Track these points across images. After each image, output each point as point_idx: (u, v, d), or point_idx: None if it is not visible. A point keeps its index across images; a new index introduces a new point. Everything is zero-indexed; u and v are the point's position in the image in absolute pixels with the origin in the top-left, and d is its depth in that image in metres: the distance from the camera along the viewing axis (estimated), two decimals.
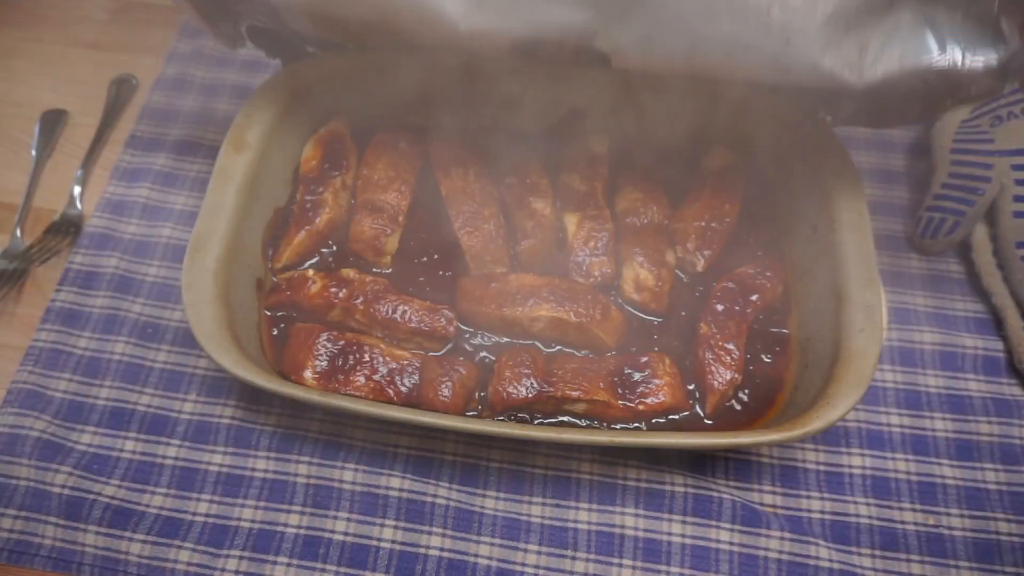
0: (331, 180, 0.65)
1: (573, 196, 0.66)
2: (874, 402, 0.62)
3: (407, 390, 0.57)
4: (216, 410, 0.61)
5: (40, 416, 0.60)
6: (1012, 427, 0.61)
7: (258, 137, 0.62)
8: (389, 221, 0.64)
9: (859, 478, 0.60)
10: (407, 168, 0.67)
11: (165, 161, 0.73)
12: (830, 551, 0.56)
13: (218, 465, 0.59)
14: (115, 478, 0.59)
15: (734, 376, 0.58)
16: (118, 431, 0.60)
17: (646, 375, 0.57)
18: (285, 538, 0.57)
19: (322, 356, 0.58)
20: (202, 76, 0.79)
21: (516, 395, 0.56)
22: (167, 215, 0.70)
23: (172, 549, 0.56)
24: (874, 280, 0.56)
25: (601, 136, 0.69)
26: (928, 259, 0.69)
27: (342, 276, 0.62)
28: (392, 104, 0.70)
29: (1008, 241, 0.65)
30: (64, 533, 0.56)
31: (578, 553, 0.57)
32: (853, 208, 0.59)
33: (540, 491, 0.59)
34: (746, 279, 0.62)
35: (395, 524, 0.57)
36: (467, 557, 0.56)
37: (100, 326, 0.65)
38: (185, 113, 0.77)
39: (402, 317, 0.60)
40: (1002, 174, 0.66)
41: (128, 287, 0.67)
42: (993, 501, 0.59)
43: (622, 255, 0.64)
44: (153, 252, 0.68)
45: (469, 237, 0.64)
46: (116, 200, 0.71)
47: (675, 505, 0.58)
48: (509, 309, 0.59)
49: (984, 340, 0.65)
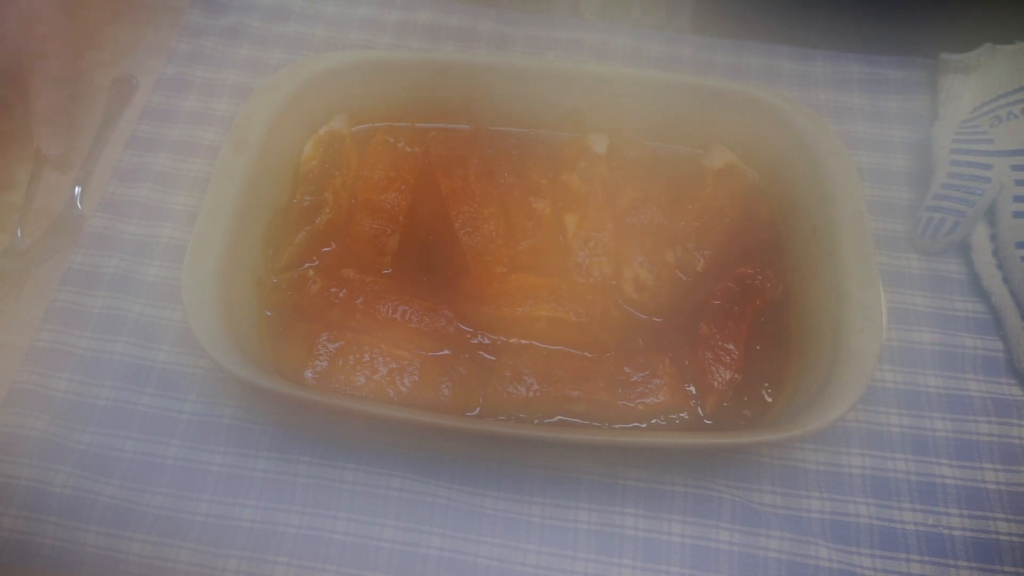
0: (331, 180, 0.65)
1: (573, 196, 0.66)
2: (874, 402, 0.62)
3: (407, 390, 0.57)
4: (216, 410, 0.61)
5: (40, 416, 0.60)
6: (1012, 427, 0.61)
7: (258, 137, 0.62)
8: (389, 221, 0.64)
9: (859, 478, 0.60)
10: (407, 168, 0.67)
11: (165, 161, 0.73)
12: (830, 551, 0.56)
13: (218, 465, 0.59)
14: (115, 478, 0.58)
15: (734, 376, 0.58)
16: (118, 431, 0.60)
17: (646, 375, 0.57)
18: (285, 538, 0.57)
19: (322, 356, 0.58)
20: (202, 76, 0.79)
21: (516, 395, 0.56)
22: (167, 215, 0.70)
23: (172, 548, 0.56)
24: (874, 280, 0.56)
25: (601, 136, 0.69)
26: (928, 259, 0.69)
27: (342, 276, 0.62)
28: (392, 104, 0.70)
29: (1008, 241, 0.65)
30: (64, 533, 0.56)
31: (578, 553, 0.57)
32: (853, 208, 0.59)
33: (540, 491, 0.59)
34: (746, 279, 0.62)
35: (395, 524, 0.57)
36: (467, 557, 0.56)
37: (100, 326, 0.65)
38: (185, 113, 0.77)
39: (402, 317, 0.60)
40: (1002, 174, 0.66)
41: (128, 287, 0.67)
42: (993, 501, 0.59)
43: (622, 255, 0.64)
44: (153, 252, 0.68)
45: (469, 237, 0.64)
46: (116, 200, 0.71)
47: (675, 505, 0.58)
48: (509, 309, 0.59)
49: (984, 340, 0.65)
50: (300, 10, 0.84)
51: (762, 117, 0.66)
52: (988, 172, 0.66)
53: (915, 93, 0.78)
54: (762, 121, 0.66)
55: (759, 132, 0.67)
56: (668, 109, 0.68)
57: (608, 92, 0.67)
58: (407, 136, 0.69)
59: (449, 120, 0.71)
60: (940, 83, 0.73)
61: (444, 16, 0.83)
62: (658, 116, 0.69)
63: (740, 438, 0.52)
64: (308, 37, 0.82)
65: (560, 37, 0.82)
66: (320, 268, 0.64)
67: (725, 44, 0.81)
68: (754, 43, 0.81)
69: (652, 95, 0.67)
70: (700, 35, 0.82)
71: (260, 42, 0.81)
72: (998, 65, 0.71)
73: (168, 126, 0.76)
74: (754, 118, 0.66)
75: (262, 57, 0.80)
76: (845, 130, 0.76)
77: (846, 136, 0.75)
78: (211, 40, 0.81)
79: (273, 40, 0.82)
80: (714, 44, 0.81)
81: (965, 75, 0.72)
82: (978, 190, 0.66)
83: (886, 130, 0.76)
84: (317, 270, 0.64)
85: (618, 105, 0.68)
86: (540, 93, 0.68)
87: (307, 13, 0.83)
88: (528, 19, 0.83)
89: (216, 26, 0.82)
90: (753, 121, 0.67)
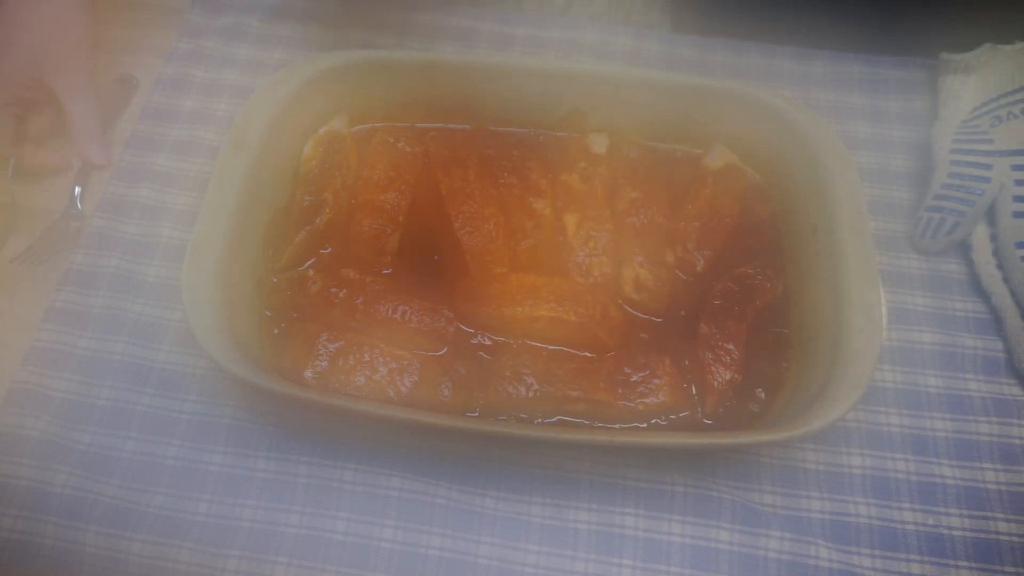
0: (331, 180, 0.65)
1: (573, 196, 0.66)
2: (874, 402, 0.62)
3: (407, 390, 0.57)
4: (216, 410, 0.61)
5: (40, 416, 0.60)
6: (1012, 427, 0.61)
7: (258, 137, 0.62)
8: (389, 221, 0.64)
9: (859, 478, 0.60)
10: (407, 168, 0.67)
11: (165, 161, 0.73)
12: (830, 551, 0.56)
13: (218, 465, 0.59)
14: (115, 478, 0.59)
15: (734, 376, 0.58)
16: (118, 431, 0.60)
17: (646, 375, 0.57)
18: (285, 538, 0.57)
19: (322, 356, 0.58)
20: (202, 76, 0.79)
21: (516, 395, 0.56)
22: (167, 215, 0.70)
23: (172, 548, 0.56)
24: (874, 280, 0.56)
25: (601, 136, 0.69)
26: (928, 259, 0.69)
27: (342, 276, 0.62)
28: (392, 104, 0.70)
29: (1008, 241, 0.65)
30: (64, 533, 0.56)
31: (578, 553, 0.57)
32: (853, 208, 0.59)
33: (540, 491, 0.59)
34: (746, 279, 0.62)
35: (395, 524, 0.57)
36: (467, 557, 0.56)
37: (100, 326, 0.65)
38: (185, 113, 0.77)
39: (402, 317, 0.60)
40: (1002, 174, 0.66)
41: (128, 287, 0.67)
42: (993, 501, 0.59)
43: (622, 255, 0.64)
44: (153, 252, 0.68)
45: (469, 237, 0.64)
46: (116, 200, 0.71)
47: (675, 505, 0.58)
48: (509, 309, 0.59)
49: (984, 340, 0.65)
50: (300, 10, 0.84)
51: (762, 117, 0.66)
52: (988, 172, 0.66)
53: (915, 93, 0.78)
54: (762, 121, 0.66)
55: (759, 132, 0.67)
56: (668, 109, 0.68)
57: (608, 92, 0.68)
58: (407, 136, 0.69)
59: (449, 120, 0.71)
60: (940, 83, 0.73)
61: (444, 16, 0.83)
62: (658, 116, 0.69)
63: (740, 438, 0.52)
64: (308, 37, 0.82)
65: (560, 37, 0.82)
66: (320, 268, 0.64)
67: (725, 44, 0.81)
68: (754, 43, 0.81)
69: (652, 95, 0.67)
70: (701, 35, 0.82)
71: (260, 42, 0.81)
72: (998, 65, 0.71)
73: (168, 126, 0.76)
74: (754, 118, 0.66)
75: (262, 57, 0.80)
76: (845, 130, 0.76)
77: (846, 136, 0.75)
78: (211, 40, 0.81)
79: (273, 40, 0.82)
80: (714, 44, 0.81)
81: (965, 75, 0.72)
82: (978, 190, 0.66)
83: (886, 130, 0.76)
84: (317, 270, 0.64)
85: (618, 105, 0.68)
86: (540, 93, 0.68)
87: (307, 13, 0.83)
88: (528, 19, 0.83)
89: (216, 26, 0.82)
90: (753, 121, 0.67)
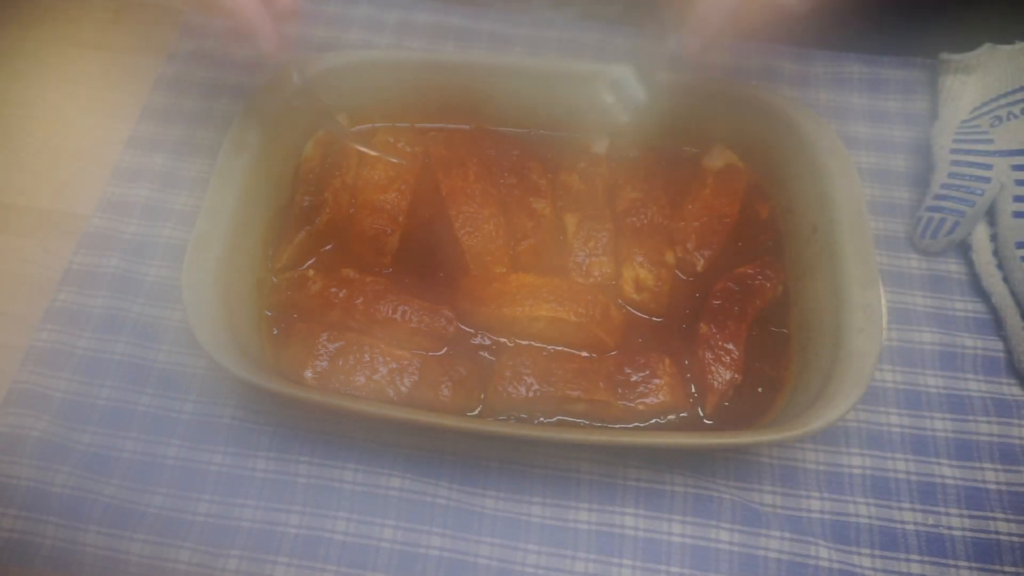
0: (331, 180, 0.65)
1: (573, 196, 0.66)
2: (874, 402, 0.62)
3: (407, 390, 0.57)
4: (216, 410, 0.61)
5: (40, 416, 0.60)
6: (1012, 427, 0.61)
7: (258, 137, 0.62)
8: (389, 221, 0.64)
9: (859, 478, 0.60)
10: (407, 168, 0.67)
11: (165, 161, 0.73)
12: (830, 551, 0.56)
13: (218, 465, 0.59)
14: (115, 478, 0.58)
15: (734, 376, 0.58)
16: (118, 431, 0.60)
17: (646, 375, 0.57)
18: (285, 538, 0.57)
19: (322, 356, 0.58)
20: (202, 76, 0.79)
21: (516, 395, 0.56)
22: (167, 215, 0.70)
23: (172, 549, 0.56)
24: (874, 280, 0.56)
25: (601, 136, 0.69)
26: (928, 259, 0.69)
27: (342, 276, 0.62)
28: (392, 104, 0.70)
29: (1008, 241, 0.65)
30: (64, 533, 0.56)
31: (578, 553, 0.57)
32: (853, 208, 0.59)
33: (540, 491, 0.59)
34: (746, 279, 0.62)
35: (395, 524, 0.57)
36: (467, 557, 0.56)
37: (100, 326, 0.65)
38: (185, 113, 0.76)
39: (402, 317, 0.60)
40: (1002, 174, 0.66)
41: (128, 287, 0.66)
42: (993, 501, 0.59)
43: (622, 255, 0.64)
44: (153, 252, 0.68)
45: (469, 237, 0.64)
46: (116, 200, 0.71)
47: (675, 505, 0.58)
48: (509, 309, 0.59)
49: (984, 340, 0.65)
50: (300, 10, 0.83)
51: (762, 117, 0.66)
52: (988, 172, 0.66)
53: (915, 93, 0.78)
54: (762, 121, 0.66)
55: (759, 132, 0.67)
56: (668, 109, 0.68)
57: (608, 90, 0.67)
58: (407, 136, 0.69)
59: (449, 120, 0.71)
60: (940, 83, 0.73)
61: (444, 16, 0.83)
62: (658, 116, 0.69)
63: (740, 438, 0.52)
64: (308, 37, 0.82)
65: (560, 37, 0.82)
66: (320, 268, 0.64)
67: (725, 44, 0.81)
68: (754, 43, 0.81)
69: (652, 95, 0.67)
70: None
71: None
72: (998, 65, 0.71)
73: (168, 126, 0.76)
74: (754, 118, 0.66)
75: (262, 57, 0.80)
76: (845, 130, 0.76)
77: (846, 136, 0.75)
78: (211, 40, 0.81)
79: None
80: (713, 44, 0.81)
81: (965, 75, 0.72)
82: (978, 190, 0.66)
83: (886, 130, 0.76)
84: (317, 270, 0.64)
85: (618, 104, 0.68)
86: (540, 93, 0.68)
87: (307, 13, 0.83)
88: (528, 19, 0.83)
89: (216, 26, 0.82)
90: (753, 121, 0.66)
